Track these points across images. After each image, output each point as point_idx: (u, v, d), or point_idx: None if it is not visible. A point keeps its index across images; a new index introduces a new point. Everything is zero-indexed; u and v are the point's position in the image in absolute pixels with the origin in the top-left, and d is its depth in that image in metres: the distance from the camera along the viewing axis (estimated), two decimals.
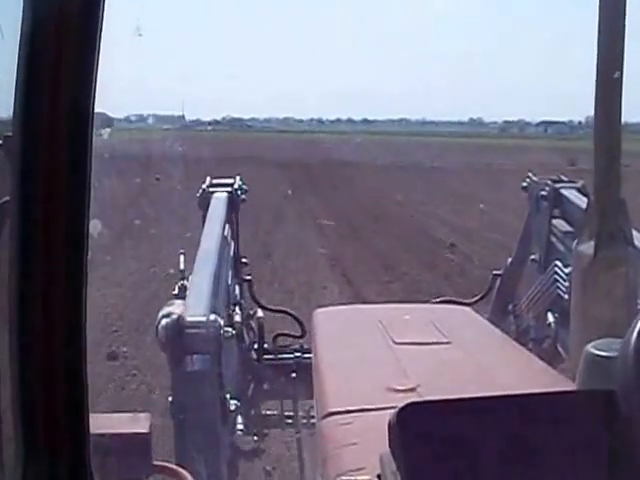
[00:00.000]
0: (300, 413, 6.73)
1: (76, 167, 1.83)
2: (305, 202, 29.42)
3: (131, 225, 19.21)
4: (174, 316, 3.97)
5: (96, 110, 1.87)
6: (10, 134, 1.87)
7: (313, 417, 5.86)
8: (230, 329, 4.33)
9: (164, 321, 3.95)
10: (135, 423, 3.52)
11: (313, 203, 29.78)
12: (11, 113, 1.89)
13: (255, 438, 6.08)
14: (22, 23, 1.79)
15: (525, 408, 2.19)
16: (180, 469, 3.45)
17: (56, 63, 1.79)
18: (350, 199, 30.47)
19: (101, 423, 3.18)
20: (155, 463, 3.47)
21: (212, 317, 4.03)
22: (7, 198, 1.91)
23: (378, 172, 36.29)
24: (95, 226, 1.94)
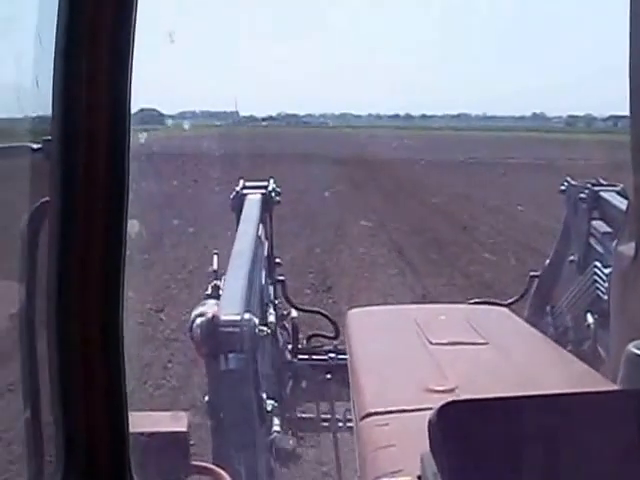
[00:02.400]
0: (336, 415, 6.72)
1: (114, 168, 1.85)
2: (371, 207, 25.25)
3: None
4: (209, 315, 3.98)
5: (146, 106, 1.89)
6: (49, 138, 1.89)
7: (350, 420, 5.87)
8: (265, 328, 4.33)
9: (199, 320, 3.97)
10: (173, 422, 3.52)
11: (381, 209, 25.43)
12: (50, 116, 1.92)
13: (293, 439, 6.06)
14: (57, 28, 1.82)
15: (567, 408, 2.18)
16: (219, 469, 3.46)
17: (92, 67, 1.81)
18: (425, 205, 25.96)
19: (139, 421, 3.19)
20: (193, 463, 3.48)
21: (247, 316, 4.04)
22: (46, 199, 1.93)
23: (449, 170, 32.36)
24: (133, 226, 1.96)
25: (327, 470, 7.90)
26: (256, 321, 4.08)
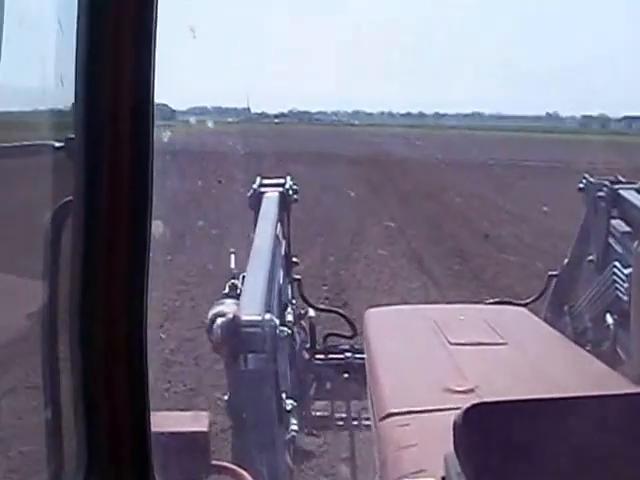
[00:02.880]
0: (352, 414, 6.72)
1: (138, 167, 1.84)
2: (388, 211, 23.12)
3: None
4: (229, 315, 3.97)
5: (157, 102, 1.87)
6: (72, 136, 1.88)
7: (366, 418, 5.86)
8: (285, 328, 4.33)
9: (219, 320, 3.96)
10: (194, 422, 3.52)
11: (398, 213, 23.18)
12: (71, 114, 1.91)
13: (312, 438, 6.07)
14: (79, 25, 1.80)
15: (591, 410, 2.17)
16: (239, 469, 3.45)
17: (114, 64, 1.80)
18: (444, 209, 23.72)
19: (161, 421, 3.18)
20: (214, 463, 3.47)
21: (267, 316, 4.03)
22: (70, 198, 1.92)
23: (471, 172, 30.08)
24: (157, 226, 1.95)
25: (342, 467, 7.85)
26: (277, 321, 4.07)
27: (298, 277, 7.80)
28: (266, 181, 7.49)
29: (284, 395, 4.32)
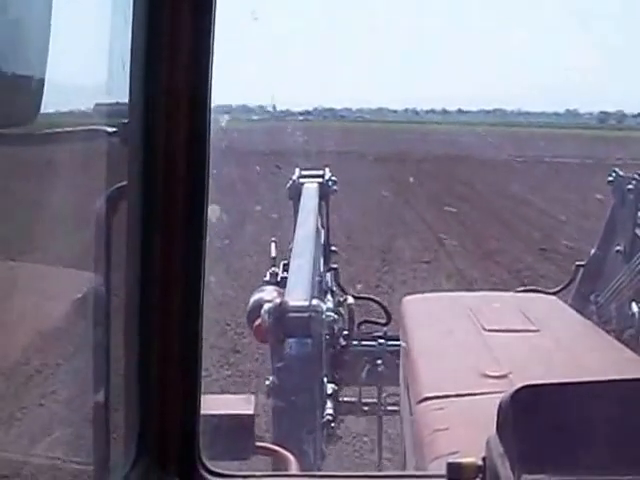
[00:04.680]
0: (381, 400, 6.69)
1: (195, 153, 1.80)
2: (421, 217, 20.48)
3: None
4: (277, 301, 3.95)
5: None
6: (126, 121, 1.84)
7: (392, 404, 5.86)
8: (332, 313, 4.31)
9: (267, 306, 3.94)
10: (241, 404, 3.51)
11: (431, 219, 20.34)
12: (126, 101, 1.87)
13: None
14: (135, 9, 1.76)
15: (636, 393, 2.11)
16: (283, 450, 3.43)
17: (171, 52, 1.76)
18: (483, 214, 20.90)
19: (209, 404, 3.17)
20: (258, 444, 3.45)
21: (315, 302, 4.02)
22: (124, 183, 1.88)
23: (499, 170, 27.18)
24: (214, 211, 1.91)
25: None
26: (323, 307, 4.06)
27: (335, 266, 7.79)
28: (305, 172, 7.48)
29: (325, 379, 4.31)
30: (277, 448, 3.47)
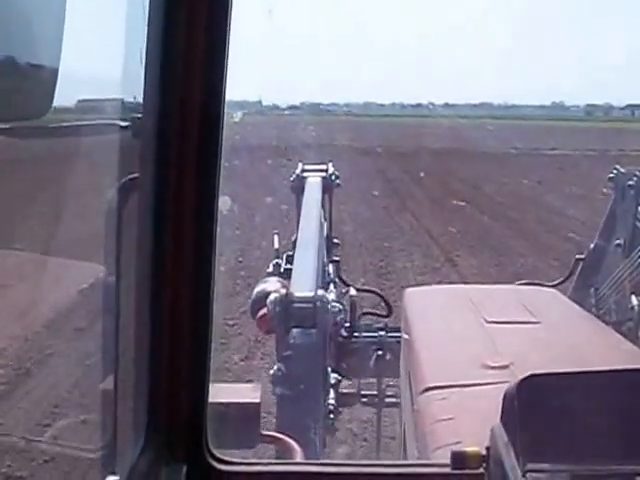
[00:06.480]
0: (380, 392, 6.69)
1: (206, 145, 1.79)
2: (423, 225, 18.71)
3: None
4: (282, 291, 3.96)
5: None
6: (140, 115, 1.84)
7: (391, 396, 5.86)
8: (337, 304, 4.31)
9: (272, 296, 3.94)
10: (247, 393, 3.50)
11: (432, 224, 18.66)
12: (139, 96, 1.86)
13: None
14: (151, 6, 1.75)
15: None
16: (287, 438, 3.42)
17: (187, 44, 1.75)
18: (488, 216, 19.44)
19: (218, 392, 3.17)
20: (263, 432, 3.45)
21: (320, 292, 4.02)
22: (136, 175, 1.88)
23: (495, 163, 26.24)
24: (225, 202, 1.91)
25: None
26: (328, 297, 4.06)
27: (337, 258, 7.79)
28: (308, 167, 7.48)
29: (329, 369, 4.31)
30: (282, 436, 3.46)
